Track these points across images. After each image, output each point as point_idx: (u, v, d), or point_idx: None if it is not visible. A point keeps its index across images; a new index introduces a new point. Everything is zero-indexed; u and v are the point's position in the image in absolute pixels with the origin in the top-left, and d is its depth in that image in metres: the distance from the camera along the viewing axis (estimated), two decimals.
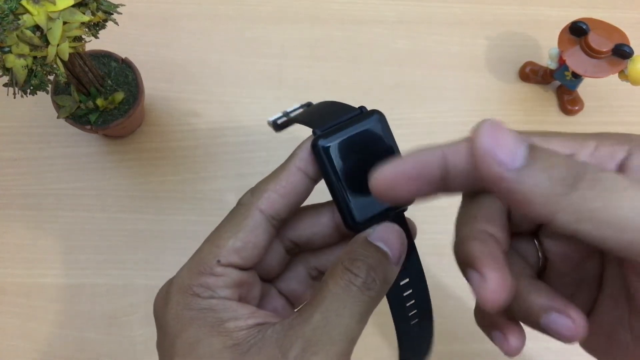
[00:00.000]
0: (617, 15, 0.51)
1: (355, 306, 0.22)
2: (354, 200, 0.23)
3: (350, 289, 0.22)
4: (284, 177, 0.24)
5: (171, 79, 0.53)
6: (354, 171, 0.23)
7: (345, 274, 0.22)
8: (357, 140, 0.24)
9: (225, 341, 0.22)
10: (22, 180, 0.49)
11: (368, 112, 0.25)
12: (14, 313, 0.46)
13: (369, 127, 0.24)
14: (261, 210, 0.24)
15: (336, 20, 0.56)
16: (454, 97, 0.54)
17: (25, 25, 0.33)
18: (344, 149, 0.23)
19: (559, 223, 0.17)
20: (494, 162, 0.17)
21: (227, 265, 0.24)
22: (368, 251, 0.23)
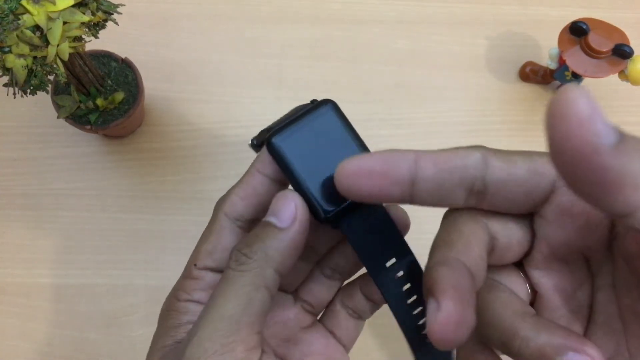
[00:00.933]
0: (617, 15, 0.51)
1: (229, 285, 0.22)
2: (320, 193, 0.23)
3: (227, 274, 0.22)
4: (245, 181, 0.25)
5: (171, 79, 0.53)
6: (314, 163, 0.23)
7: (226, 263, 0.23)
8: (311, 131, 0.23)
9: (165, 341, 0.24)
10: (22, 180, 0.49)
11: (319, 103, 0.24)
12: (14, 313, 0.46)
13: (322, 117, 0.23)
14: (225, 213, 0.25)
15: (336, 20, 0.56)
16: (454, 97, 0.54)
17: (25, 25, 0.33)
18: (299, 143, 0.23)
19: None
20: (592, 132, 0.14)
21: (202, 269, 0.25)
22: (252, 231, 0.23)
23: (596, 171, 0.15)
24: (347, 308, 0.28)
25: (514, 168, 0.20)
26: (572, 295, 0.22)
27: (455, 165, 0.20)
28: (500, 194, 0.20)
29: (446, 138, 0.52)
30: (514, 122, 0.53)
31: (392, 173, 0.20)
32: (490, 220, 0.21)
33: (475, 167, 0.20)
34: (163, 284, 0.47)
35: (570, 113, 0.14)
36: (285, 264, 0.23)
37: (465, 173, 0.20)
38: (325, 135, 0.23)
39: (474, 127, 0.52)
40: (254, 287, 0.22)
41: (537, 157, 0.20)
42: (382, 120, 0.52)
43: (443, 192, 0.20)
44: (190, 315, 0.25)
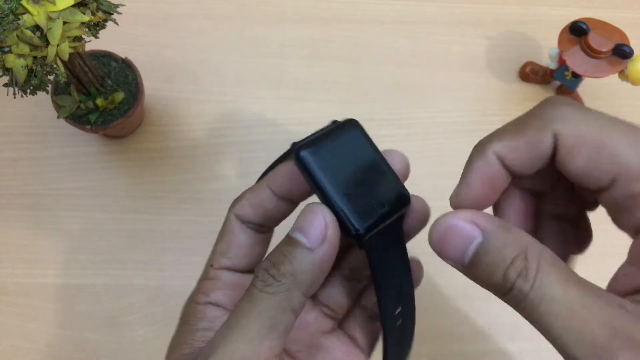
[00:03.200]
0: (617, 15, 0.51)
1: (254, 306, 0.21)
2: (350, 208, 0.22)
3: (252, 293, 0.22)
4: (256, 189, 0.25)
5: (171, 79, 0.53)
6: (343, 178, 0.22)
7: (252, 281, 0.22)
8: (338, 147, 0.23)
9: (183, 349, 0.24)
10: (22, 180, 0.49)
11: (345, 121, 0.24)
12: (14, 313, 0.46)
13: (348, 134, 0.24)
14: (235, 215, 0.25)
15: (336, 20, 0.56)
16: (454, 97, 0.54)
17: (25, 25, 0.33)
18: (327, 157, 0.23)
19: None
20: (443, 258, 0.21)
21: (218, 269, 0.25)
22: (279, 247, 0.22)
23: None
24: (367, 309, 0.28)
25: (574, 162, 0.21)
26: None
27: (532, 157, 0.22)
28: (563, 171, 0.22)
29: (446, 138, 0.52)
30: None
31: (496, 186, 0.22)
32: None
33: (547, 151, 0.21)
34: (163, 284, 0.47)
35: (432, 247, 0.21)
36: (314, 286, 0.22)
37: (541, 158, 0.22)
38: (352, 152, 0.23)
39: (474, 127, 0.52)
40: (281, 311, 0.21)
41: (604, 154, 0.20)
42: (382, 120, 0.52)
43: (529, 169, 0.22)
44: (206, 322, 0.24)
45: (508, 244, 0.20)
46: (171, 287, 0.47)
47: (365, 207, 0.22)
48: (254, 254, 0.26)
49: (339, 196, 0.22)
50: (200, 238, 0.48)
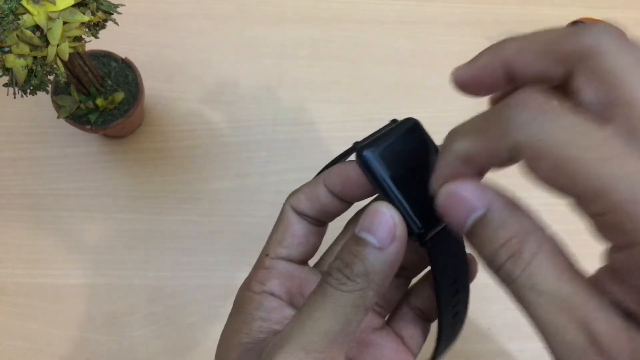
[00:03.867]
0: (617, 15, 0.51)
1: (328, 302, 0.22)
2: (413, 208, 0.22)
3: (326, 289, 0.22)
4: (312, 184, 0.26)
5: (171, 79, 0.53)
6: (405, 178, 0.23)
7: (322, 278, 0.23)
8: (400, 147, 0.23)
9: (240, 338, 0.24)
10: (22, 180, 0.49)
11: (405, 120, 0.24)
12: (14, 313, 0.46)
13: (410, 133, 0.24)
14: (292, 206, 0.26)
15: (336, 20, 0.56)
16: (454, 97, 0.54)
17: (25, 25, 0.33)
18: (389, 157, 0.23)
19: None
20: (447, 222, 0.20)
21: (274, 258, 0.26)
22: (348, 247, 0.22)
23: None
24: (415, 309, 0.28)
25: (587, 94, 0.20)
26: None
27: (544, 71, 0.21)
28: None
29: None
30: None
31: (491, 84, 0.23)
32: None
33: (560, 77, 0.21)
34: (163, 284, 0.47)
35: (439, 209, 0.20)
36: (385, 285, 0.22)
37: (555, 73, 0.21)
38: (412, 151, 0.23)
39: None
40: (355, 309, 0.22)
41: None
42: (382, 120, 0.52)
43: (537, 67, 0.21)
44: (263, 311, 0.24)
45: (507, 224, 0.19)
46: (171, 287, 0.47)
47: (426, 205, 0.22)
48: (309, 245, 0.27)
49: (401, 195, 0.22)
50: (200, 238, 0.48)
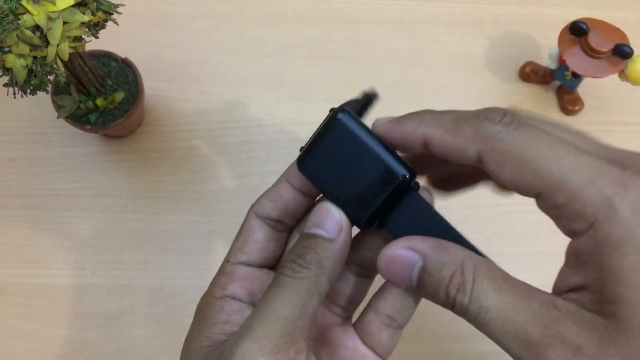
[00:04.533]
0: (617, 15, 0.51)
1: (285, 290, 0.23)
2: (354, 202, 0.25)
3: (281, 279, 0.23)
4: (275, 186, 0.27)
5: (171, 79, 0.53)
6: (343, 174, 0.25)
7: (277, 271, 0.24)
8: (331, 145, 0.25)
9: (201, 342, 0.24)
10: (22, 180, 0.49)
11: (330, 116, 0.25)
12: (14, 313, 0.46)
13: (336, 129, 0.25)
14: (255, 212, 0.27)
15: (336, 20, 0.56)
16: (454, 97, 0.54)
17: (25, 25, 0.33)
18: (324, 159, 0.25)
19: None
20: (398, 285, 0.24)
21: (235, 263, 0.26)
22: (300, 242, 0.24)
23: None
24: (382, 316, 0.27)
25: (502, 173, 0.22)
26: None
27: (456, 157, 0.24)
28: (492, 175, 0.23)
29: None
30: None
31: (408, 149, 0.25)
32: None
33: (472, 159, 0.23)
34: (163, 284, 0.47)
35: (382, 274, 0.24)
36: (336, 272, 0.24)
37: (465, 161, 0.23)
38: (345, 144, 0.25)
39: None
40: (309, 294, 0.23)
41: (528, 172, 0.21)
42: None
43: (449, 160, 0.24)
44: (224, 315, 0.25)
45: (445, 263, 0.22)
46: (171, 287, 0.47)
47: (367, 195, 0.24)
48: (269, 250, 0.27)
49: (341, 194, 0.25)
50: (200, 238, 0.48)
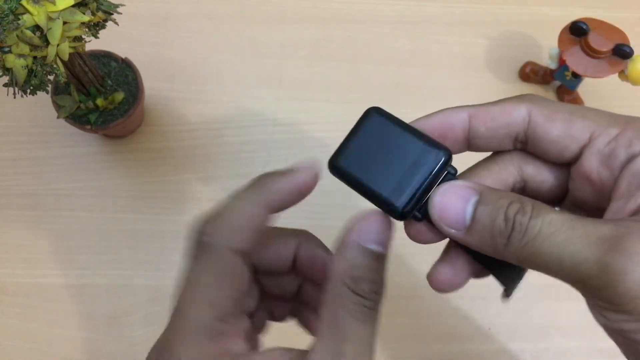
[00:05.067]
0: (617, 15, 0.51)
1: (355, 322, 0.21)
2: (394, 193, 0.23)
3: (351, 309, 0.22)
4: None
5: (171, 79, 0.53)
6: (380, 169, 0.24)
7: (348, 296, 0.22)
8: (366, 141, 0.24)
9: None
10: (22, 180, 0.49)
11: (364, 114, 0.25)
12: (14, 313, 0.46)
13: (371, 125, 0.25)
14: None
15: (336, 20, 0.56)
16: (454, 97, 0.54)
17: (25, 25, 0.33)
18: (358, 157, 0.24)
19: (508, 259, 0.21)
20: (444, 227, 0.22)
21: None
22: (365, 261, 0.22)
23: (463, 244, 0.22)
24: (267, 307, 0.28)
25: (551, 128, 0.23)
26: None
27: (501, 123, 0.23)
28: (537, 147, 0.23)
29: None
30: None
31: (450, 135, 0.24)
32: (527, 165, 0.25)
33: (518, 123, 0.23)
34: (163, 284, 0.47)
35: (431, 215, 0.22)
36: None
37: (510, 129, 0.23)
38: (380, 139, 0.24)
39: None
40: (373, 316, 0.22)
41: (578, 118, 0.22)
42: None
43: (493, 143, 0.24)
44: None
45: (503, 195, 0.21)
46: (171, 287, 0.46)
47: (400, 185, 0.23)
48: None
49: (375, 187, 0.23)
50: None
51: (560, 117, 0.23)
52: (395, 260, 0.46)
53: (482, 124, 0.23)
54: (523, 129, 0.23)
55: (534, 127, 0.23)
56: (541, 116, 0.23)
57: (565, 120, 0.23)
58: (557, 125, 0.23)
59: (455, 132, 0.24)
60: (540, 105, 0.23)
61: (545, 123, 0.23)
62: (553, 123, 0.23)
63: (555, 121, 0.23)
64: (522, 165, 0.25)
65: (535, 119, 0.23)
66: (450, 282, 0.24)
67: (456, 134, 0.24)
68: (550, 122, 0.23)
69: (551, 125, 0.23)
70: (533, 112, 0.23)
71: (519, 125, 0.23)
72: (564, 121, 0.23)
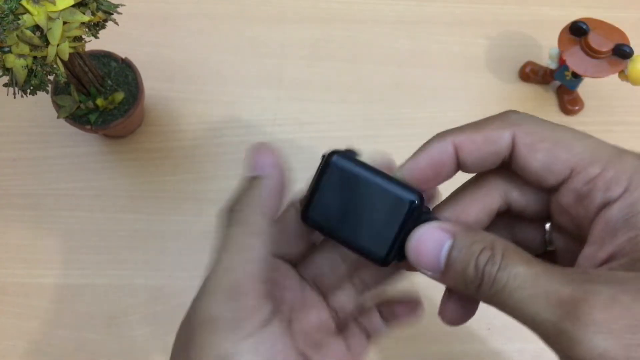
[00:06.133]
0: (617, 15, 0.51)
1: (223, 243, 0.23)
2: (371, 241, 0.24)
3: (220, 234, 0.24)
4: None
5: (171, 79, 0.53)
6: (352, 217, 0.24)
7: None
8: (334, 191, 0.24)
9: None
10: (22, 180, 0.49)
11: (325, 160, 0.25)
12: (14, 313, 0.46)
13: (334, 172, 0.24)
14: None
15: (336, 20, 0.56)
16: (454, 97, 0.54)
17: (25, 25, 0.33)
18: (326, 205, 0.24)
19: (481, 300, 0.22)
20: (422, 270, 0.23)
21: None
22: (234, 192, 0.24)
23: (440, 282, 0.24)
24: (360, 325, 0.29)
25: (532, 160, 0.22)
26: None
27: (487, 152, 0.23)
28: (520, 172, 0.23)
29: None
30: None
31: (442, 170, 0.24)
32: (511, 189, 0.25)
33: (503, 150, 0.23)
34: (163, 284, 0.47)
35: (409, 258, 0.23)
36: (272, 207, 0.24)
37: (496, 156, 0.23)
38: (348, 186, 0.24)
39: None
40: (248, 236, 0.23)
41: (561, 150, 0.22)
42: (382, 120, 0.52)
43: (481, 168, 0.24)
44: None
45: (476, 241, 0.22)
46: (171, 287, 0.47)
47: (377, 232, 0.23)
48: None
49: (354, 238, 0.24)
50: (200, 238, 0.48)
51: (543, 148, 0.22)
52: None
53: (468, 155, 0.23)
54: (508, 153, 0.23)
55: (516, 155, 0.23)
56: (524, 145, 0.23)
57: (548, 151, 0.22)
58: (539, 157, 0.22)
59: (446, 167, 0.24)
60: (524, 131, 0.23)
61: (528, 154, 0.22)
62: (535, 154, 0.22)
63: (538, 152, 0.22)
64: (506, 189, 0.25)
65: (518, 147, 0.23)
66: (462, 318, 0.25)
67: (447, 168, 0.24)
68: (533, 153, 0.22)
69: (533, 156, 0.22)
70: (517, 139, 0.23)
71: (503, 151, 0.23)
72: (546, 153, 0.22)
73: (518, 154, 0.23)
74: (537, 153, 0.22)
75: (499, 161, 0.24)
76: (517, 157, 0.23)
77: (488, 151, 0.23)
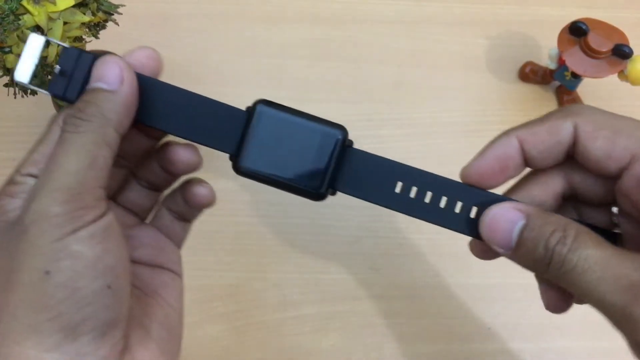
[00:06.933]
0: (617, 15, 0.51)
1: (69, 146, 0.22)
2: (304, 179, 0.25)
3: (64, 137, 0.23)
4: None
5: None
6: (285, 158, 0.25)
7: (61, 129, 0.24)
8: (264, 136, 0.25)
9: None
10: None
11: (251, 108, 0.27)
12: None
13: (263, 119, 0.26)
14: (59, 124, 0.25)
15: (336, 20, 0.56)
16: (454, 97, 0.54)
17: (26, 26, 0.33)
18: (257, 152, 0.25)
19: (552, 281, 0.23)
20: (493, 246, 0.23)
21: (25, 175, 0.25)
22: (81, 98, 0.24)
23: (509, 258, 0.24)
24: (173, 212, 0.31)
25: (593, 147, 0.23)
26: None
27: (551, 144, 0.24)
28: (582, 161, 0.24)
29: (446, 138, 0.52)
30: (514, 122, 0.52)
31: (511, 163, 0.25)
32: (574, 174, 0.25)
33: (567, 140, 0.24)
34: None
35: (481, 234, 0.24)
36: (123, 123, 0.24)
37: (560, 147, 0.24)
38: (276, 131, 0.26)
39: (474, 127, 0.52)
40: (97, 146, 0.23)
41: (621, 137, 0.23)
42: (382, 120, 0.52)
43: (548, 161, 0.25)
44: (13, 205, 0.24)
45: (548, 222, 0.22)
46: None
47: (309, 170, 0.25)
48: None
49: (290, 177, 0.25)
50: (200, 238, 0.48)
51: (603, 135, 0.23)
52: (395, 260, 0.46)
53: (533, 148, 0.24)
54: (571, 142, 0.24)
55: (578, 143, 0.24)
56: (584, 133, 0.23)
57: (608, 138, 0.23)
58: (599, 144, 0.23)
59: (512, 161, 0.25)
60: (585, 119, 0.24)
61: (588, 141, 0.23)
62: (595, 142, 0.23)
63: (597, 139, 0.23)
64: (570, 174, 0.26)
65: (580, 135, 0.23)
66: (561, 307, 0.26)
67: (514, 162, 0.25)
68: (593, 141, 0.23)
69: (593, 143, 0.23)
70: (578, 128, 0.24)
71: (566, 140, 0.24)
72: (606, 140, 0.23)
73: (579, 142, 0.23)
74: (597, 140, 0.23)
75: (563, 152, 0.24)
76: (578, 145, 0.23)
77: (551, 141, 0.24)
